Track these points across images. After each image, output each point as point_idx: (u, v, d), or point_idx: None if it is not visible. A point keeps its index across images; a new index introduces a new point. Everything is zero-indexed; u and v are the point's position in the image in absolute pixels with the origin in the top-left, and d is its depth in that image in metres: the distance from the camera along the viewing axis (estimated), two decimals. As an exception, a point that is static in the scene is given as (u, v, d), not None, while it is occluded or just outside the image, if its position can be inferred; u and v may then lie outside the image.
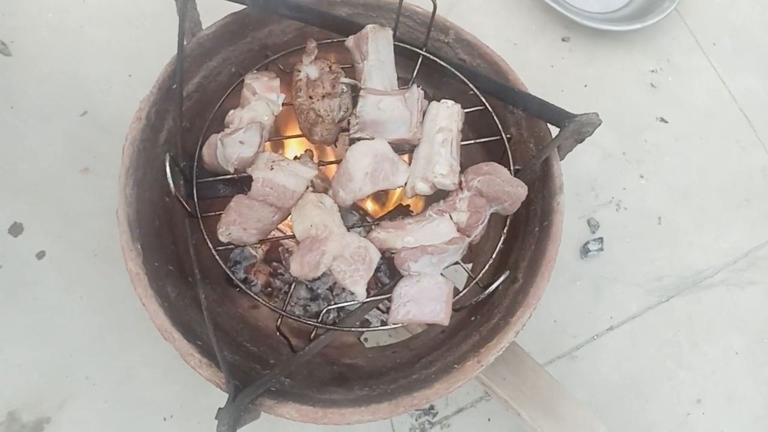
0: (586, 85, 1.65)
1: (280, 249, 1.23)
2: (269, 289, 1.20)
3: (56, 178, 1.43)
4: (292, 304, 1.19)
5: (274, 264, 1.22)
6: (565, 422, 1.15)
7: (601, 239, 1.51)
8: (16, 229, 1.38)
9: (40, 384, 1.29)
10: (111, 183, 1.44)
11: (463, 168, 0.90)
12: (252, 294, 0.80)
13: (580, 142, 0.98)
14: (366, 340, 1.30)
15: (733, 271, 1.55)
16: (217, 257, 0.81)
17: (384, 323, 1.18)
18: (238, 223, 0.80)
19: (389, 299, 0.83)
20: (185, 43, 0.96)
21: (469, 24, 1.65)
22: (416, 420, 1.33)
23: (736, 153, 1.66)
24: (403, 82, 1.04)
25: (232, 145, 0.82)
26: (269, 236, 0.85)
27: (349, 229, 0.84)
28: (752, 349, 1.50)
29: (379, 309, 1.23)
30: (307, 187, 0.85)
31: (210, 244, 0.82)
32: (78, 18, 1.56)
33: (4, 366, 1.29)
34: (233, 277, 0.80)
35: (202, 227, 0.83)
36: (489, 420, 1.37)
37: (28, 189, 1.41)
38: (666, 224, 1.57)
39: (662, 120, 1.65)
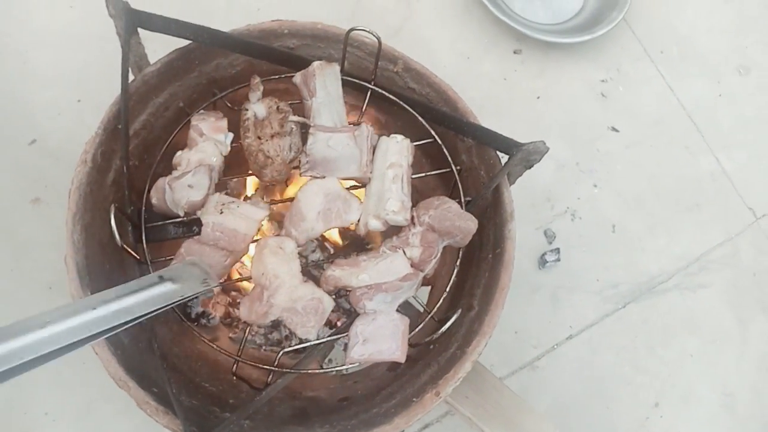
0: (538, 97, 1.68)
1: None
2: (228, 319, 1.20)
3: (6, 209, 1.40)
4: (253, 333, 1.19)
5: (233, 293, 1.21)
6: (528, 436, 1.17)
7: (557, 250, 1.54)
8: (-35, 264, 1.34)
9: (-3, 422, 1.27)
10: (63, 213, 1.41)
11: (416, 201, 0.91)
12: (206, 340, 0.79)
13: (529, 168, 1.00)
14: (330, 361, 1.30)
15: (686, 275, 1.60)
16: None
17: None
18: (190, 268, 0.79)
19: (346, 336, 0.83)
20: (131, 79, 0.94)
21: (422, 39, 1.69)
22: (382, 439, 1.34)
23: (685, 159, 1.70)
24: (355, 110, 1.05)
25: (181, 189, 0.81)
26: (222, 280, 0.85)
27: (313, 264, 0.85)
28: (706, 351, 1.55)
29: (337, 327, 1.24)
30: (258, 229, 0.84)
31: (161, 292, 0.81)
32: (22, 41, 1.52)
33: (-42, 405, 1.27)
34: (185, 321, 0.79)
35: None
36: (454, 435, 1.39)
37: (-24, 222, 1.37)
38: (620, 232, 1.61)
39: (613, 129, 1.69)
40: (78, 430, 1.28)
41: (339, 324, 1.10)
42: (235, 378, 0.82)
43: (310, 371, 0.83)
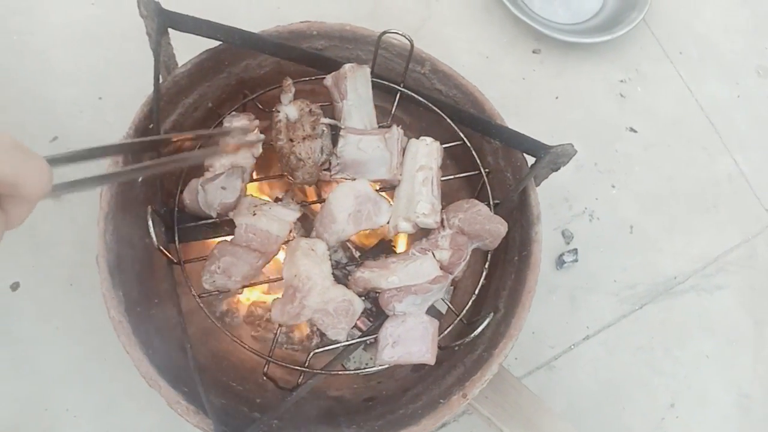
0: (557, 97, 1.68)
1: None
2: (251, 317, 1.20)
3: (27, 207, 1.40)
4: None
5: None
6: (546, 436, 1.18)
7: (575, 250, 1.54)
8: (-12, 262, 1.35)
9: (19, 418, 1.27)
10: (83, 210, 1.42)
11: (444, 203, 0.91)
12: (238, 342, 0.80)
13: (556, 170, 1.00)
14: (349, 360, 1.31)
15: (703, 276, 1.60)
16: (201, 306, 0.81)
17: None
18: (222, 271, 0.80)
19: (376, 338, 0.84)
20: (161, 81, 0.95)
21: (442, 39, 1.69)
22: (401, 438, 1.35)
23: (703, 160, 1.70)
24: (381, 110, 1.05)
25: (214, 191, 0.82)
26: (254, 281, 0.85)
27: (338, 266, 0.85)
28: (722, 352, 1.55)
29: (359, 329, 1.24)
30: (290, 231, 0.85)
31: (194, 292, 0.82)
32: (43, 40, 1.53)
33: (-19, 401, 1.28)
34: (218, 326, 0.80)
35: (185, 275, 0.82)
36: (471, 434, 1.39)
37: (-2, 219, 1.38)
38: (637, 233, 1.61)
39: (632, 130, 1.68)
40: (99, 426, 1.29)
41: (360, 324, 1.10)
42: (265, 378, 0.82)
43: (340, 372, 0.83)
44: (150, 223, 0.74)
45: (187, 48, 1.02)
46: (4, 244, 1.37)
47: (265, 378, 0.83)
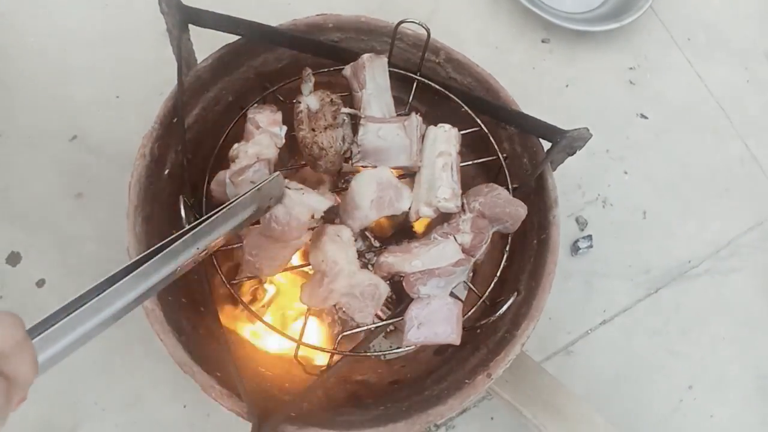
0: (567, 86, 1.69)
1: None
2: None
3: (50, 205, 1.43)
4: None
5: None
6: (566, 417, 1.19)
7: (590, 236, 1.56)
8: (14, 259, 1.38)
9: (48, 413, 1.30)
10: (106, 207, 1.45)
11: (463, 189, 0.93)
12: (269, 325, 0.82)
13: (572, 155, 1.02)
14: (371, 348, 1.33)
15: (717, 260, 1.61)
16: (234, 292, 0.83)
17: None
18: (256, 256, 0.82)
19: (401, 321, 0.86)
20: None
21: (450, 30, 1.70)
22: (422, 423, 1.37)
23: (714, 144, 1.71)
24: (397, 101, 1.07)
25: (243, 185, 0.83)
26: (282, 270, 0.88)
27: (359, 254, 0.87)
28: (738, 334, 1.57)
29: (379, 317, 1.27)
30: (313, 217, 0.86)
31: (224, 279, 0.84)
32: (60, 40, 1.55)
33: (11, 397, 1.30)
34: (251, 311, 0.82)
35: (215, 263, 0.85)
36: (492, 419, 1.41)
37: (22, 217, 1.41)
38: (651, 218, 1.62)
39: (642, 116, 1.70)
40: (127, 418, 1.32)
41: (379, 313, 1.12)
42: (296, 360, 0.85)
43: (369, 354, 0.85)
44: (182, 211, 0.76)
45: (198, 43, 1.04)
46: (31, 242, 1.39)
47: (295, 360, 0.85)
